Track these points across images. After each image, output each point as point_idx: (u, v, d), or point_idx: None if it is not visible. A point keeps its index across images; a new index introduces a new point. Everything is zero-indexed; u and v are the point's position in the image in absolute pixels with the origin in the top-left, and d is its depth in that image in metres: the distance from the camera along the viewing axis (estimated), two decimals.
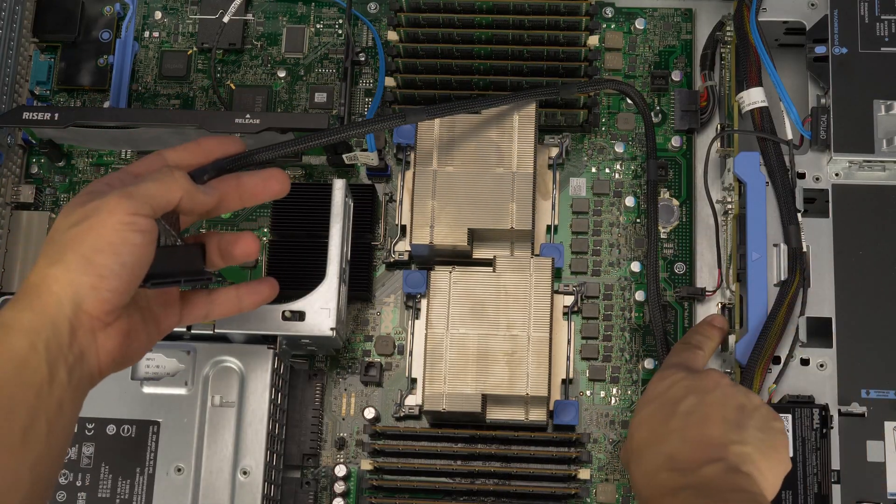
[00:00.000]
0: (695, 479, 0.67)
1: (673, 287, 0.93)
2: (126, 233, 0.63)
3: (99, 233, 0.63)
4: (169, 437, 0.82)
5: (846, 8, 0.89)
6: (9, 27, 0.96)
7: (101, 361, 0.65)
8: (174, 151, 0.71)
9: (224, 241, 0.73)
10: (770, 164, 0.87)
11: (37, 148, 0.98)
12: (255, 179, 0.72)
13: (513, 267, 0.87)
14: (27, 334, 0.61)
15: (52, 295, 0.62)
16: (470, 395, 0.84)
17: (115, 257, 0.63)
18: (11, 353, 0.60)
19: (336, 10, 1.01)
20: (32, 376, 0.60)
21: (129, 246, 0.63)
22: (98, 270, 0.62)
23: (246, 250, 0.73)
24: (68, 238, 0.63)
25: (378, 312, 0.94)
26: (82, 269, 0.62)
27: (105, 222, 0.63)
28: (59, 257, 0.62)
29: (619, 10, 1.00)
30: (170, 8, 1.02)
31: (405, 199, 0.92)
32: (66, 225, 0.64)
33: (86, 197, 0.65)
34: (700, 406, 0.72)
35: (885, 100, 0.86)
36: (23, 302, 0.62)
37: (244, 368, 0.84)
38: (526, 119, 0.89)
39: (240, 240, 0.73)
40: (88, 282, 0.62)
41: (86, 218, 0.63)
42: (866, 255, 0.85)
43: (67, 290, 0.62)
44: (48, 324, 0.61)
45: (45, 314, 0.62)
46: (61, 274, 0.62)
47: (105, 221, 0.63)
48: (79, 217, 0.63)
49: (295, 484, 0.89)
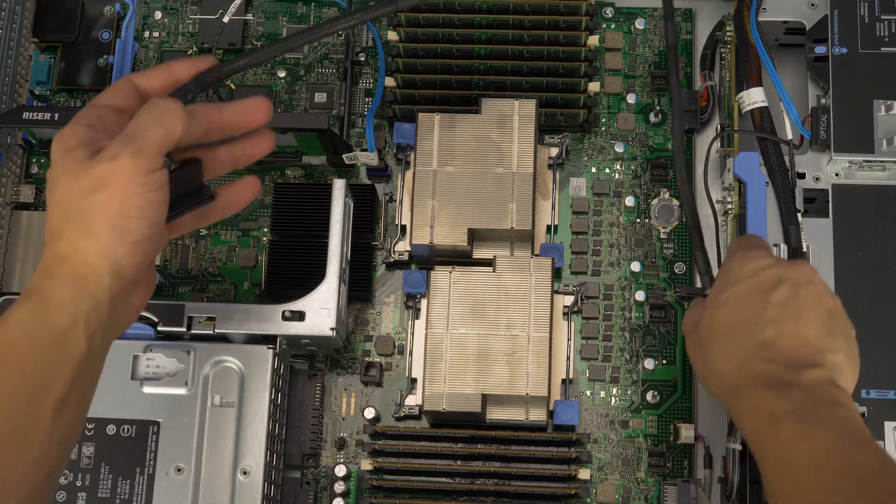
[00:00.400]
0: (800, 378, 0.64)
1: (673, 287, 0.93)
2: (149, 193, 0.62)
3: (122, 199, 0.61)
4: (169, 437, 0.82)
5: (846, 8, 0.89)
6: (9, 27, 0.96)
7: (131, 317, 0.66)
8: (143, 77, 0.67)
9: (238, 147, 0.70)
10: (770, 164, 0.87)
11: (37, 148, 0.98)
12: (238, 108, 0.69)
13: (513, 267, 0.87)
14: (68, 307, 0.60)
15: (88, 267, 0.61)
16: (470, 395, 0.84)
17: (143, 220, 0.62)
18: (52, 328, 0.60)
19: (336, 10, 1.01)
20: (72, 350, 0.60)
21: (154, 205, 0.63)
22: (131, 237, 0.62)
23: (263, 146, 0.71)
24: (91, 206, 0.61)
25: (378, 312, 0.94)
26: (116, 239, 0.61)
27: (126, 187, 0.61)
28: (88, 228, 0.61)
29: (619, 10, 1.00)
30: (170, 8, 1.02)
31: (405, 199, 0.92)
32: (80, 190, 0.61)
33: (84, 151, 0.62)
34: (794, 300, 0.68)
35: (885, 100, 0.86)
36: (59, 273, 0.61)
37: (244, 368, 0.84)
38: (526, 119, 0.89)
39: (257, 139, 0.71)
40: (124, 250, 0.62)
41: (104, 184, 0.61)
42: (866, 255, 0.85)
43: (104, 261, 0.61)
44: (89, 296, 0.61)
45: (86, 287, 0.61)
46: (94, 246, 0.61)
47: (126, 186, 0.61)
48: (94, 182, 0.61)
49: (295, 484, 0.89)
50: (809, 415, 0.62)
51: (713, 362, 0.69)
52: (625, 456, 0.90)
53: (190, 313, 0.84)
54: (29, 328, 0.60)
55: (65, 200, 0.62)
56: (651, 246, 0.94)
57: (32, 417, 0.59)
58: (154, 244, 0.64)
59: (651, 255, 0.94)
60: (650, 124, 0.97)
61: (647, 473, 0.89)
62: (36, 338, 0.60)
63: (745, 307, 0.69)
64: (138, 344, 0.83)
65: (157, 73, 0.68)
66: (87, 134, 0.63)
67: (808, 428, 0.61)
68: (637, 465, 0.89)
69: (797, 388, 0.63)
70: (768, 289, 0.69)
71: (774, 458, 0.62)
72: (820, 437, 0.60)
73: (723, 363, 0.68)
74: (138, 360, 0.83)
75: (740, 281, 0.70)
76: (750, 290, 0.69)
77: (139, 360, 0.83)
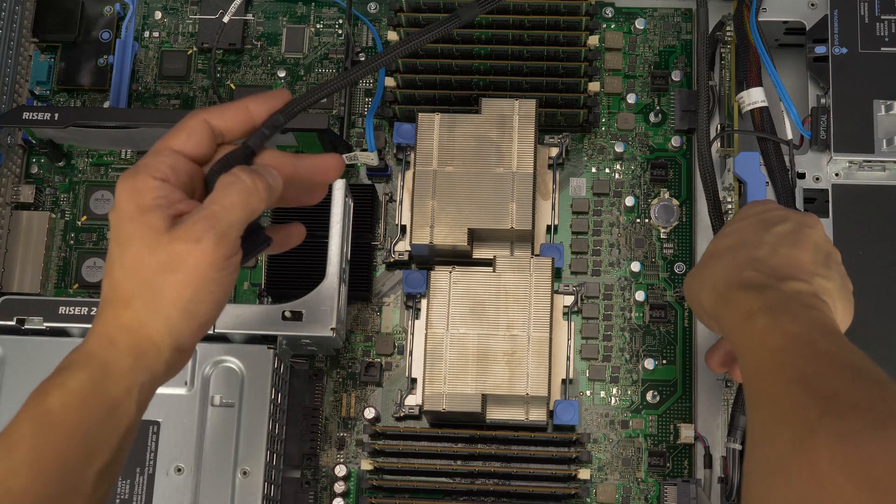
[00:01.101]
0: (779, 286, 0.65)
1: (673, 287, 0.93)
2: (224, 279, 0.60)
3: (198, 285, 0.59)
4: (169, 437, 0.82)
5: (846, 8, 0.89)
6: (9, 27, 0.96)
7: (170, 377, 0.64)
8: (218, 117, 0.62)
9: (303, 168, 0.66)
10: (770, 164, 0.87)
11: (37, 148, 0.98)
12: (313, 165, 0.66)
13: (513, 267, 0.87)
14: (126, 380, 0.60)
15: (151, 343, 0.60)
16: (470, 395, 0.84)
17: (214, 304, 0.61)
18: (107, 398, 0.59)
19: (336, 10, 1.01)
20: (122, 420, 0.60)
21: (226, 290, 0.61)
22: (199, 320, 0.61)
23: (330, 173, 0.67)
24: (164, 286, 0.59)
25: (378, 312, 0.94)
26: (185, 321, 0.60)
27: (204, 274, 0.59)
28: (158, 307, 0.59)
29: (619, 10, 1.00)
30: (170, 8, 1.02)
31: (405, 199, 0.92)
32: (155, 264, 0.59)
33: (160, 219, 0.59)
34: (795, 233, 0.69)
35: (885, 100, 0.86)
36: (122, 346, 0.60)
37: (244, 368, 0.84)
38: (526, 119, 0.89)
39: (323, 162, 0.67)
40: (190, 331, 0.61)
41: (181, 265, 0.58)
42: (866, 255, 0.85)
43: (167, 339, 0.60)
44: (147, 371, 0.60)
45: (146, 361, 0.60)
46: (161, 325, 0.60)
47: (204, 273, 0.59)
48: (171, 260, 0.58)
49: (295, 484, 0.89)
50: (783, 308, 0.62)
51: (707, 278, 0.70)
52: (625, 456, 0.90)
53: None
54: (84, 397, 0.59)
55: (135, 269, 0.59)
56: (651, 246, 0.94)
57: (75, 485, 0.58)
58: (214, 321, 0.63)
59: (651, 255, 0.94)
60: (650, 124, 0.97)
61: (647, 473, 0.89)
62: (90, 407, 0.59)
63: (747, 234, 0.71)
64: None
65: (234, 112, 0.63)
66: (163, 193, 0.59)
67: (780, 320, 0.61)
68: (637, 465, 0.89)
69: (776, 289, 0.64)
70: (773, 222, 0.70)
71: (749, 350, 0.62)
72: (789, 327, 0.60)
73: (715, 275, 0.69)
74: None
75: (748, 216, 0.72)
76: (755, 222, 0.71)
77: None
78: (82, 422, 0.58)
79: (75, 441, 0.58)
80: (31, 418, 0.58)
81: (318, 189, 0.69)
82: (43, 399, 0.59)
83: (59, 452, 0.58)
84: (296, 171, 0.64)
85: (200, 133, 0.62)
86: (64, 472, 0.58)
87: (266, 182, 0.61)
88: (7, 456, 0.57)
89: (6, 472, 0.57)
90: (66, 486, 0.58)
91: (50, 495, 0.57)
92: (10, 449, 0.57)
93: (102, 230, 0.97)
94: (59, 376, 0.59)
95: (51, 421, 0.58)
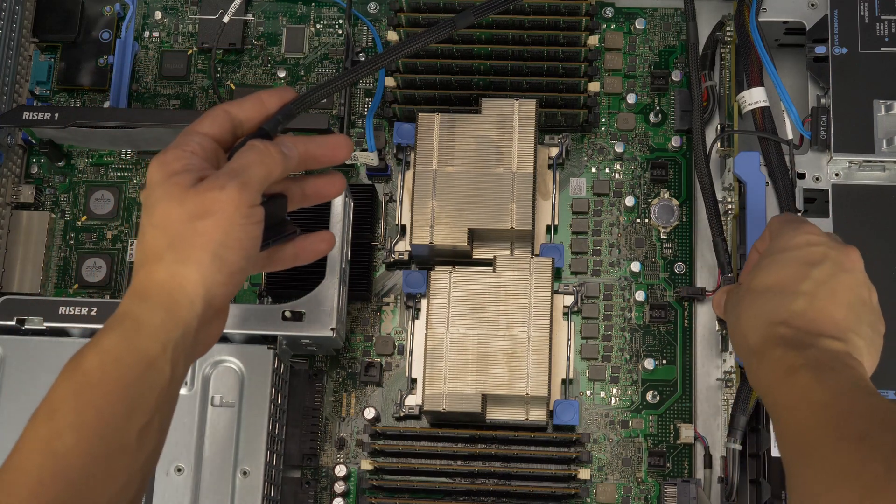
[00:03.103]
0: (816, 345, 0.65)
1: (673, 287, 0.93)
2: (249, 226, 0.63)
3: (227, 230, 0.62)
4: (169, 437, 0.82)
5: (846, 8, 0.89)
6: (9, 27, 0.96)
7: (208, 343, 0.66)
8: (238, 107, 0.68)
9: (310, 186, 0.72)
10: (770, 164, 0.87)
11: (37, 148, 0.98)
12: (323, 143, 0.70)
13: (513, 267, 0.87)
14: (159, 335, 0.61)
15: (185, 294, 0.61)
16: (470, 395, 0.84)
17: (242, 252, 0.63)
18: (142, 354, 0.60)
19: (336, 10, 1.01)
20: (158, 377, 0.61)
21: (253, 239, 0.63)
22: (229, 268, 0.62)
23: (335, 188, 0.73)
24: (194, 233, 0.61)
25: (378, 312, 0.94)
26: (216, 268, 0.62)
27: (231, 218, 0.62)
28: (189, 254, 0.61)
29: (619, 10, 1.00)
30: (170, 8, 1.02)
31: (405, 199, 0.92)
32: (184, 215, 0.61)
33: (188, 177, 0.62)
34: (833, 279, 0.69)
35: (885, 100, 0.86)
36: (154, 299, 0.62)
37: (244, 368, 0.84)
38: (526, 119, 0.89)
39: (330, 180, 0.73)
40: (221, 279, 0.62)
41: (208, 212, 0.61)
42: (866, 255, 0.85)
43: (200, 289, 0.62)
44: (180, 325, 0.61)
45: (179, 315, 0.61)
46: (194, 273, 0.61)
47: (231, 217, 0.62)
48: (199, 208, 0.61)
49: (295, 484, 0.89)
50: (824, 366, 0.63)
51: (741, 319, 0.71)
52: (625, 456, 0.90)
53: None
54: (119, 354, 0.60)
55: (165, 224, 0.62)
56: (651, 246, 0.94)
57: (119, 443, 0.59)
58: (244, 277, 0.65)
59: (651, 255, 0.94)
60: (650, 124, 0.97)
61: (647, 473, 0.89)
62: (125, 365, 0.60)
63: (786, 274, 0.70)
64: None
65: (250, 103, 0.68)
66: (192, 161, 0.63)
67: (822, 377, 0.62)
68: (637, 465, 0.89)
69: (815, 347, 0.65)
70: (812, 263, 0.70)
71: (788, 407, 0.63)
72: (833, 384, 0.61)
73: (749, 324, 0.70)
74: None
75: (789, 248, 0.72)
76: (795, 259, 0.71)
77: None
78: (119, 380, 0.60)
79: (114, 399, 0.59)
80: (69, 381, 0.60)
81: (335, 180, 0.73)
82: (79, 362, 0.60)
83: (100, 411, 0.59)
84: (307, 149, 0.69)
85: (222, 119, 0.67)
86: (106, 431, 0.59)
87: (279, 148, 0.66)
88: (49, 419, 0.59)
89: (50, 434, 0.58)
90: (109, 444, 0.59)
91: (95, 454, 0.58)
92: (52, 412, 0.59)
93: (102, 230, 0.97)
94: (94, 339, 0.61)
95: (88, 381, 0.59)
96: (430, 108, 0.93)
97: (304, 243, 0.72)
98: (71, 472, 0.57)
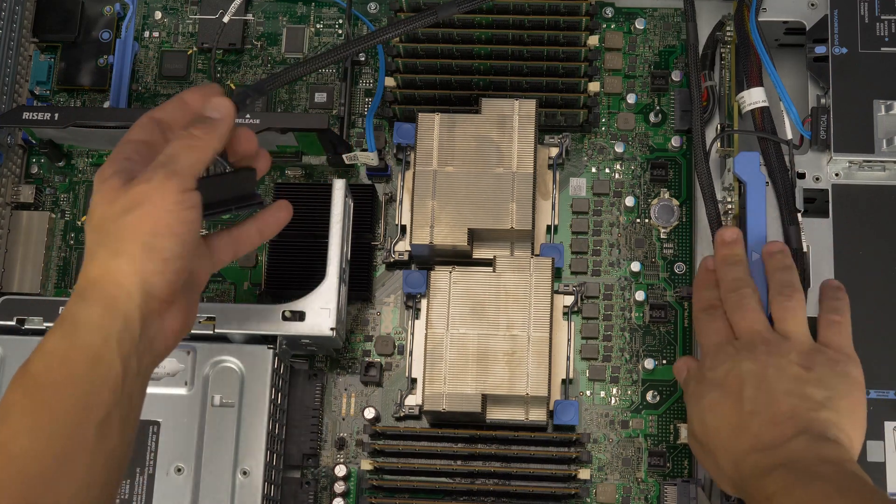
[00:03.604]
0: (783, 454, 0.67)
1: (673, 287, 0.93)
2: (181, 212, 0.64)
3: (156, 217, 0.63)
4: (169, 437, 0.82)
5: (846, 8, 0.89)
6: (9, 27, 0.96)
7: (167, 341, 0.66)
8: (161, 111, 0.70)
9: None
10: (770, 164, 0.87)
11: (37, 148, 0.98)
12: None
13: (513, 267, 0.87)
14: (99, 330, 0.61)
15: (119, 287, 0.62)
16: (470, 395, 0.84)
17: (175, 238, 0.64)
18: (85, 350, 0.61)
19: (336, 10, 1.01)
20: (107, 372, 0.61)
21: (186, 224, 0.64)
22: (162, 255, 0.63)
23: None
24: (123, 226, 0.63)
25: (378, 312, 0.94)
26: (147, 257, 0.63)
27: (160, 206, 0.63)
28: (119, 248, 0.62)
29: (619, 10, 1.00)
30: (170, 8, 1.02)
31: (405, 199, 0.92)
32: (114, 212, 0.63)
33: (118, 180, 0.64)
34: (762, 387, 0.71)
35: (885, 100, 0.86)
36: (90, 296, 0.62)
37: (244, 368, 0.84)
38: (526, 119, 0.89)
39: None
40: (154, 268, 0.63)
41: (137, 204, 0.63)
42: (866, 255, 0.85)
43: (134, 279, 0.62)
44: (120, 317, 0.62)
45: (116, 308, 0.62)
46: (126, 265, 0.62)
47: (159, 205, 0.63)
48: (128, 203, 0.63)
49: (295, 484, 0.89)
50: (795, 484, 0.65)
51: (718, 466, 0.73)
52: (625, 456, 0.90)
53: None
54: (63, 353, 0.61)
55: (99, 224, 0.64)
56: (651, 246, 0.94)
57: (76, 440, 0.59)
58: (184, 264, 0.65)
59: (651, 255, 0.94)
60: (650, 124, 0.97)
61: (647, 473, 0.89)
62: (71, 362, 0.61)
63: (726, 410, 0.73)
64: None
65: (172, 104, 0.70)
66: (124, 165, 0.65)
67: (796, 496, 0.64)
68: (637, 465, 0.89)
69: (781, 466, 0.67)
70: (737, 389, 0.73)
71: None
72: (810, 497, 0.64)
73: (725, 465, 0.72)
74: None
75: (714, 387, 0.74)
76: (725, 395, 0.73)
77: None
78: (68, 378, 0.60)
79: (65, 398, 0.60)
80: (19, 386, 0.60)
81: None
82: (26, 367, 0.61)
83: (52, 411, 0.59)
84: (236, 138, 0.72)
85: (149, 125, 0.69)
86: (61, 429, 0.59)
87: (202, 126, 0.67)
88: (3, 424, 0.59)
89: (5, 438, 0.59)
90: (66, 443, 0.59)
91: (53, 453, 0.59)
92: (5, 417, 0.59)
93: None
94: (39, 343, 0.62)
95: (37, 383, 0.60)
96: (430, 108, 0.93)
97: (264, 217, 0.75)
98: (28, 473, 0.58)
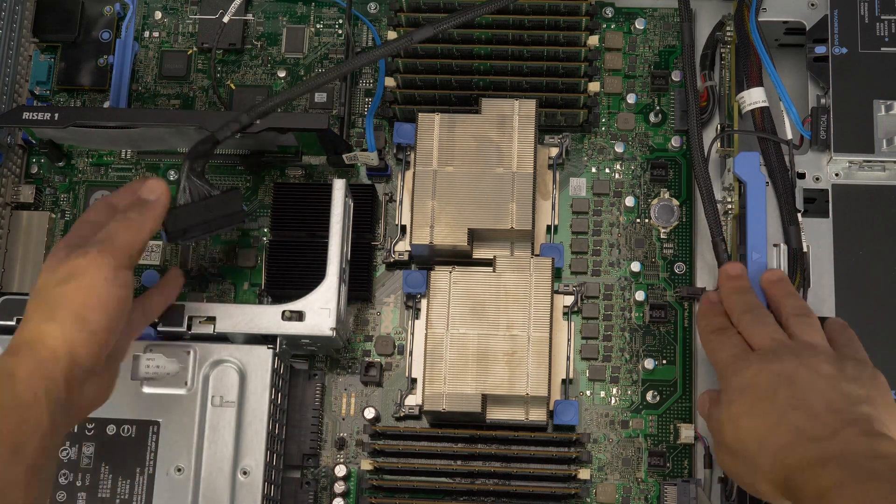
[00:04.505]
0: (836, 446, 0.65)
1: (673, 287, 0.93)
2: (112, 288, 0.70)
3: (88, 291, 0.69)
4: (169, 437, 0.82)
5: (846, 8, 0.89)
6: (9, 27, 0.96)
7: (83, 410, 0.72)
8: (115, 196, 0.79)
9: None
10: (770, 164, 0.87)
11: (37, 148, 0.98)
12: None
13: (513, 267, 0.87)
14: (29, 384, 0.66)
15: (47, 348, 0.68)
16: (470, 395, 0.84)
17: (104, 313, 0.70)
18: (18, 400, 0.66)
19: (336, 10, 1.01)
20: (36, 422, 0.65)
21: (115, 300, 0.70)
22: (90, 326, 0.69)
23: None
24: (58, 296, 0.69)
25: (378, 312, 0.94)
26: (76, 327, 0.68)
27: (92, 280, 0.69)
28: (52, 314, 0.68)
29: (618, 10, 1.00)
30: (170, 8, 1.02)
31: (405, 199, 0.92)
32: (53, 281, 0.70)
33: (64, 252, 0.71)
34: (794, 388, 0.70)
35: (885, 100, 0.86)
36: (23, 354, 0.68)
37: (244, 368, 0.84)
38: (526, 119, 0.89)
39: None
40: (82, 338, 0.68)
41: (73, 276, 0.69)
42: (866, 255, 0.85)
43: (62, 345, 0.68)
44: (46, 376, 0.67)
45: (44, 367, 0.67)
46: (56, 331, 0.68)
47: (92, 280, 0.69)
48: (65, 274, 0.70)
49: (295, 484, 0.89)
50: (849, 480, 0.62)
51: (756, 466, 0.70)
52: (625, 456, 0.90)
53: (190, 313, 0.84)
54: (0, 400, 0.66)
55: (40, 291, 0.70)
56: (651, 246, 0.94)
57: (8, 479, 0.63)
58: (111, 338, 0.71)
59: (651, 255, 0.94)
60: (650, 124, 0.97)
61: (647, 473, 0.89)
62: (6, 408, 0.65)
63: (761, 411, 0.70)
64: (139, 344, 0.83)
65: (124, 191, 0.80)
66: (75, 241, 0.73)
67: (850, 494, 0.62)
68: (637, 465, 0.89)
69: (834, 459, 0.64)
70: (769, 389, 0.71)
71: None
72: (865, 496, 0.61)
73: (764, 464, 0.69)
74: (139, 361, 0.83)
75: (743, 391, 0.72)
76: (757, 399, 0.71)
77: (139, 360, 0.83)
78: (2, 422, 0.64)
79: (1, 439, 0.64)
80: None
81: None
82: None
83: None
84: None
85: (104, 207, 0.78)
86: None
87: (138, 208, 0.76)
88: None
89: None
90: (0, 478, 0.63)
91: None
92: None
93: None
94: None
95: None
96: (430, 108, 0.93)
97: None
98: None
